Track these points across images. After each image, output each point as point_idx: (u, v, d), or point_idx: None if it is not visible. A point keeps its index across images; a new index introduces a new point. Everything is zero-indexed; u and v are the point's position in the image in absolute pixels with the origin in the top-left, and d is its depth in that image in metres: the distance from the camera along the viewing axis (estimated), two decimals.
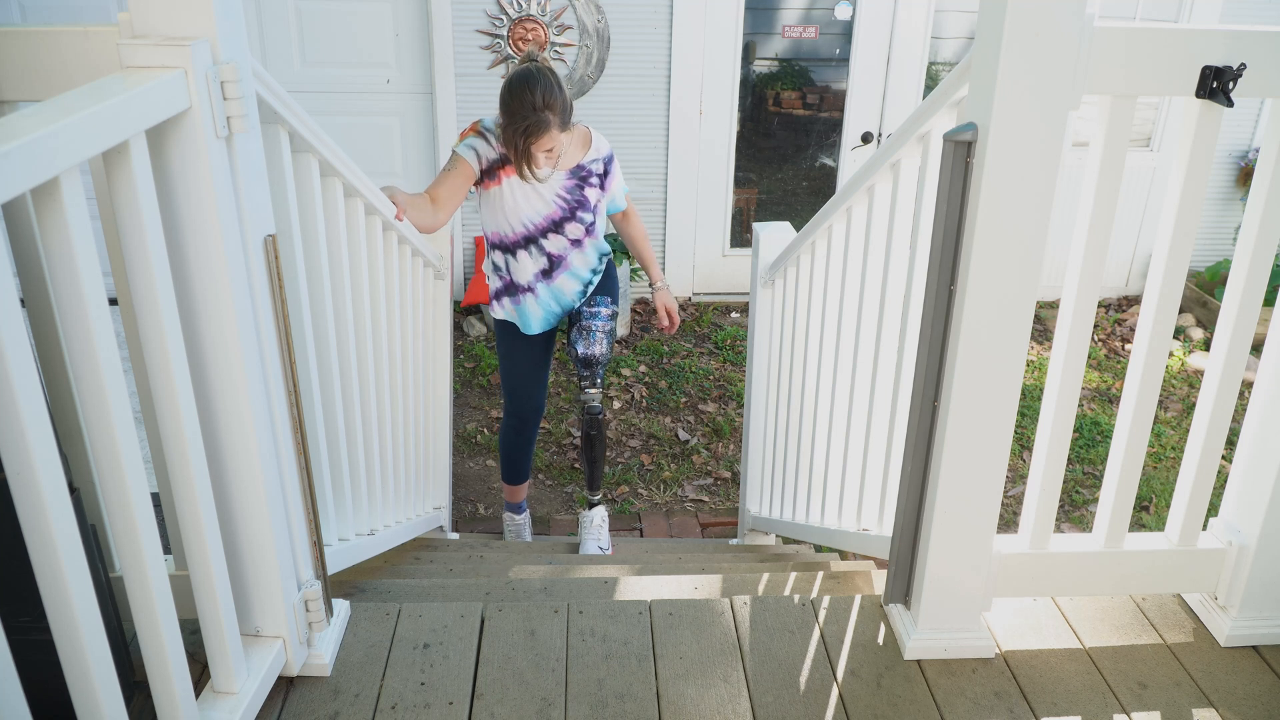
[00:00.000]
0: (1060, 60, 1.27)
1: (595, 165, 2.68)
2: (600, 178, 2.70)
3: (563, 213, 2.65)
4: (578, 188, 2.66)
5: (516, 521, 3.30)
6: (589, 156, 2.67)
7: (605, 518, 3.27)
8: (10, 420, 0.89)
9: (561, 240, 2.70)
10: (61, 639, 1.01)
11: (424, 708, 1.51)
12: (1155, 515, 3.77)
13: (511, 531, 3.31)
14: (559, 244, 2.70)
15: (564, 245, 2.71)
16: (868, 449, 2.12)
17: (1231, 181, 5.49)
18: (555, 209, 2.64)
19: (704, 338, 5.16)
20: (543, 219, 2.64)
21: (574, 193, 2.66)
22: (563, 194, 2.64)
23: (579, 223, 2.69)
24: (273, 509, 1.39)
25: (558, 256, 2.72)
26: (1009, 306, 1.42)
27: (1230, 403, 1.58)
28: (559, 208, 2.64)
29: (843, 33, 5.08)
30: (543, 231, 2.66)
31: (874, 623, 1.72)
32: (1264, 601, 1.67)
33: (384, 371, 2.21)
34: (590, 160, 2.68)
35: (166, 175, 1.18)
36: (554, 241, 2.69)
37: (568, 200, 2.64)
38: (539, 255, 2.71)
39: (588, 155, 2.67)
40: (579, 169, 2.65)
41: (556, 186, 2.62)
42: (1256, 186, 1.45)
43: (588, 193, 2.67)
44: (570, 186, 2.65)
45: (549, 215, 2.65)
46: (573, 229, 2.69)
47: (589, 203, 2.68)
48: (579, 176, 2.65)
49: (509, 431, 3.01)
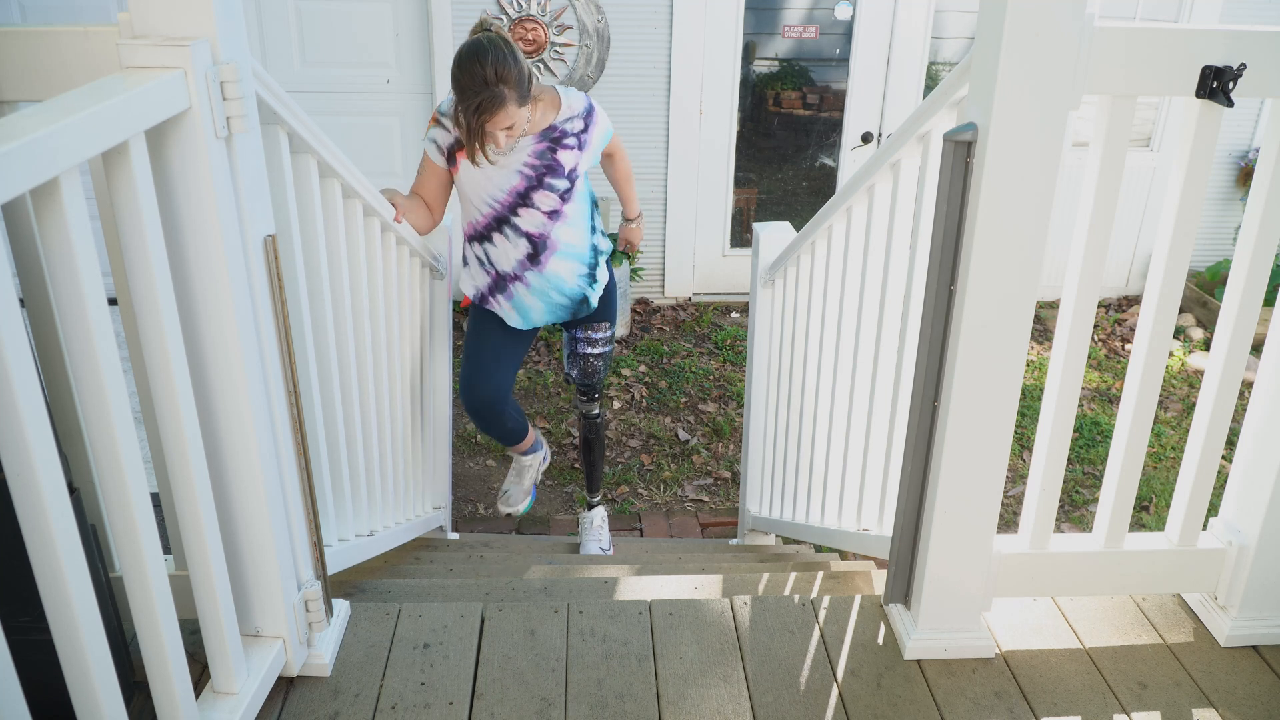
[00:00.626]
0: (1060, 60, 1.27)
1: (571, 124, 2.37)
2: (578, 136, 2.38)
3: (528, 183, 2.35)
4: (548, 151, 2.34)
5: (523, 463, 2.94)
6: (562, 116, 2.36)
7: (605, 518, 3.19)
8: (10, 420, 0.89)
9: (535, 215, 2.39)
10: (61, 639, 1.01)
11: (424, 708, 1.51)
12: (1155, 515, 3.77)
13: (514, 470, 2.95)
14: (534, 220, 2.39)
15: (540, 221, 2.40)
16: (868, 449, 2.12)
17: (1231, 181, 5.49)
18: (520, 179, 2.34)
19: (704, 338, 5.16)
20: (507, 193, 2.35)
21: (543, 156, 2.34)
22: (530, 159, 2.33)
23: (549, 190, 2.37)
24: (273, 509, 1.39)
25: (538, 236, 2.41)
26: (1009, 306, 1.41)
27: (1230, 403, 1.58)
28: (523, 178, 2.34)
29: (843, 33, 5.08)
30: (510, 208, 2.37)
31: (874, 623, 1.72)
32: (1264, 601, 1.67)
33: (384, 371, 2.21)
34: (564, 119, 2.37)
35: (166, 175, 1.18)
36: (527, 218, 2.39)
37: (535, 167, 2.34)
38: (516, 237, 2.41)
39: (560, 115, 2.36)
40: (551, 130, 2.35)
41: (523, 154, 2.33)
42: (1256, 186, 1.45)
43: (560, 156, 2.35)
44: (540, 150, 2.34)
45: (513, 188, 2.35)
46: (543, 199, 2.37)
47: (561, 167, 2.36)
48: (550, 139, 2.34)
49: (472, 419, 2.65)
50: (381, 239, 2.11)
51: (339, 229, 1.81)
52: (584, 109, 2.41)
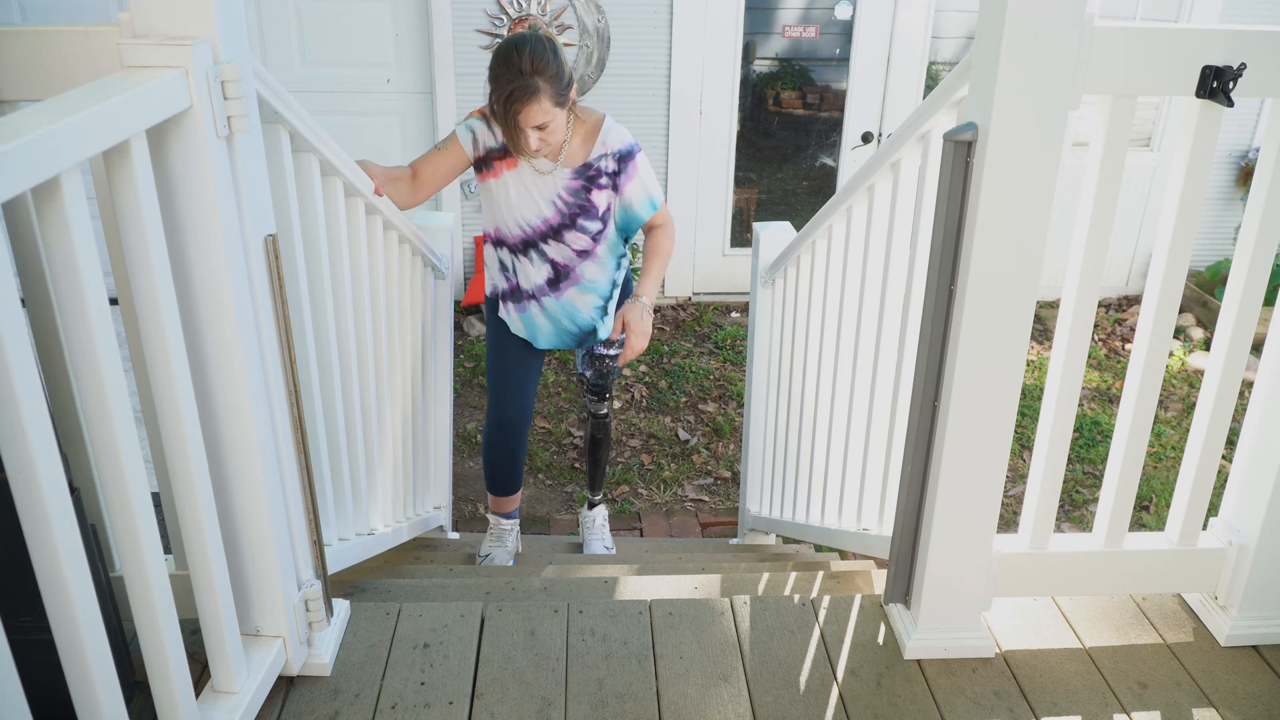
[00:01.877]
0: (1060, 60, 1.27)
1: (604, 163, 2.27)
2: (611, 177, 2.28)
3: (561, 219, 2.30)
4: (583, 190, 2.28)
5: (503, 525, 2.83)
6: (595, 152, 2.26)
7: (606, 517, 3.14)
8: (11, 420, 0.89)
9: (565, 249, 2.35)
10: (61, 639, 1.01)
11: (424, 707, 1.51)
12: (1155, 515, 3.77)
13: (494, 534, 2.83)
14: (562, 252, 2.36)
15: (569, 255, 2.36)
16: (868, 449, 2.12)
17: (1231, 181, 5.49)
18: (554, 213, 2.29)
19: (704, 338, 5.16)
20: (540, 223, 2.31)
21: (578, 195, 2.28)
22: (564, 195, 2.28)
23: (581, 232, 2.32)
24: (273, 509, 1.39)
25: (564, 266, 2.38)
26: (1009, 306, 1.42)
27: (1230, 403, 1.58)
28: (558, 212, 2.29)
29: (843, 32, 5.08)
30: (541, 236, 2.33)
31: (874, 622, 1.72)
32: (1264, 601, 1.67)
33: (384, 371, 2.21)
34: (598, 157, 2.26)
35: (167, 175, 1.18)
36: (556, 250, 2.36)
37: (569, 204, 2.29)
38: (541, 262, 2.38)
39: (594, 150, 2.26)
40: (586, 168, 2.26)
41: (558, 187, 2.27)
42: (1256, 186, 1.46)
43: (594, 196, 2.28)
44: (575, 189, 2.27)
45: (546, 219, 2.31)
46: (575, 239, 2.33)
47: (595, 209, 2.29)
48: (585, 177, 2.27)
49: (493, 440, 2.64)
50: (384, 238, 2.11)
51: (340, 228, 1.81)
52: (620, 149, 2.27)
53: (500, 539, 2.82)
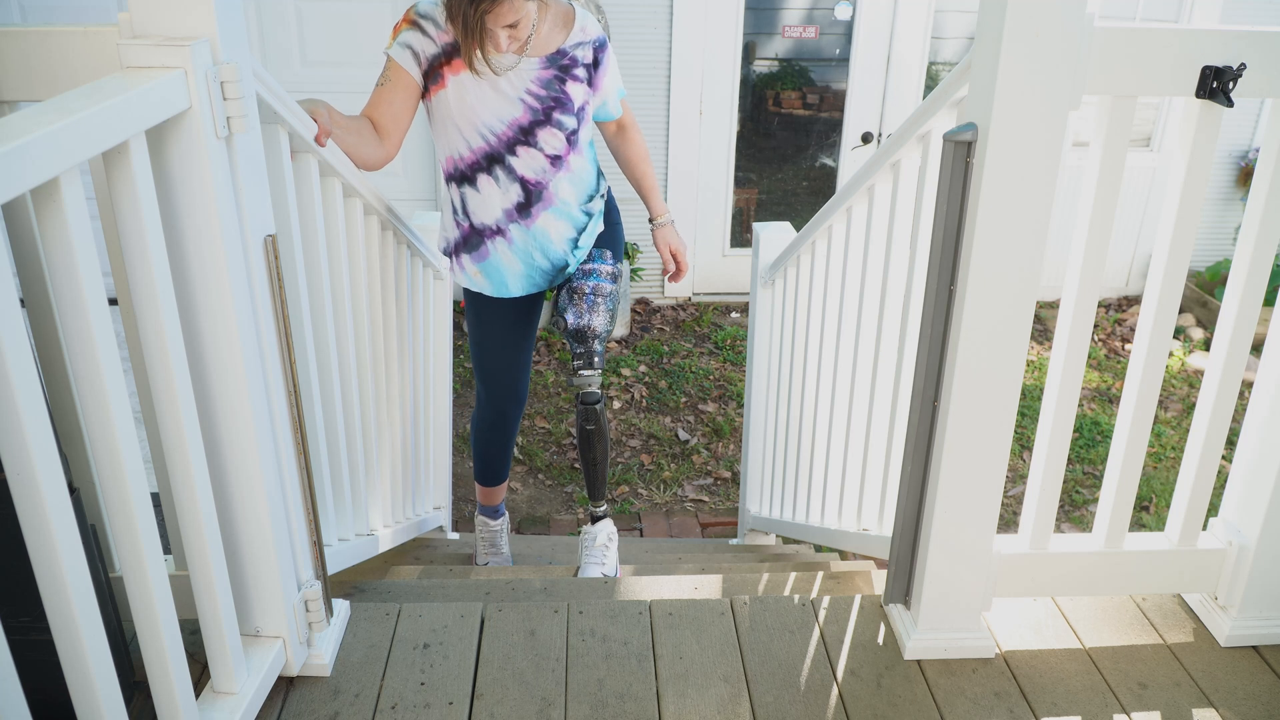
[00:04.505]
0: (1060, 60, 1.27)
1: (582, 52, 1.99)
2: (589, 69, 2.01)
3: (533, 116, 1.96)
4: (556, 80, 1.96)
5: (492, 527, 2.65)
6: (573, 39, 1.98)
7: (614, 535, 2.51)
8: (10, 420, 0.89)
9: (536, 157, 1.99)
10: (61, 639, 1.01)
11: (424, 708, 1.51)
12: (1155, 515, 3.78)
13: (485, 540, 2.66)
14: (534, 163, 2.00)
15: (541, 166, 2.01)
16: (868, 449, 2.12)
17: (1231, 181, 5.49)
18: (523, 111, 1.95)
19: (704, 338, 5.16)
20: (507, 125, 1.95)
21: (550, 87, 1.96)
22: (534, 88, 1.95)
23: (556, 129, 1.98)
24: (273, 509, 1.39)
25: (535, 183, 2.02)
26: (1009, 306, 1.42)
27: (1230, 403, 1.58)
28: (527, 109, 1.95)
29: (843, 33, 5.08)
30: (509, 144, 1.97)
31: (874, 623, 1.72)
32: (1264, 601, 1.67)
33: (384, 371, 2.21)
34: (574, 44, 1.98)
35: (166, 175, 1.18)
36: (526, 159, 1.99)
37: (540, 98, 1.95)
38: (509, 181, 2.01)
39: (570, 37, 1.98)
40: (559, 55, 1.96)
41: (526, 78, 1.94)
42: (1256, 186, 1.46)
43: (570, 88, 1.98)
44: (546, 79, 1.96)
45: (515, 120, 1.95)
46: (549, 139, 1.99)
47: (570, 102, 1.98)
48: (558, 65, 1.96)
49: (483, 426, 2.40)
50: (382, 239, 2.12)
51: (339, 229, 1.81)
52: (597, 38, 2.02)
53: (494, 544, 2.66)
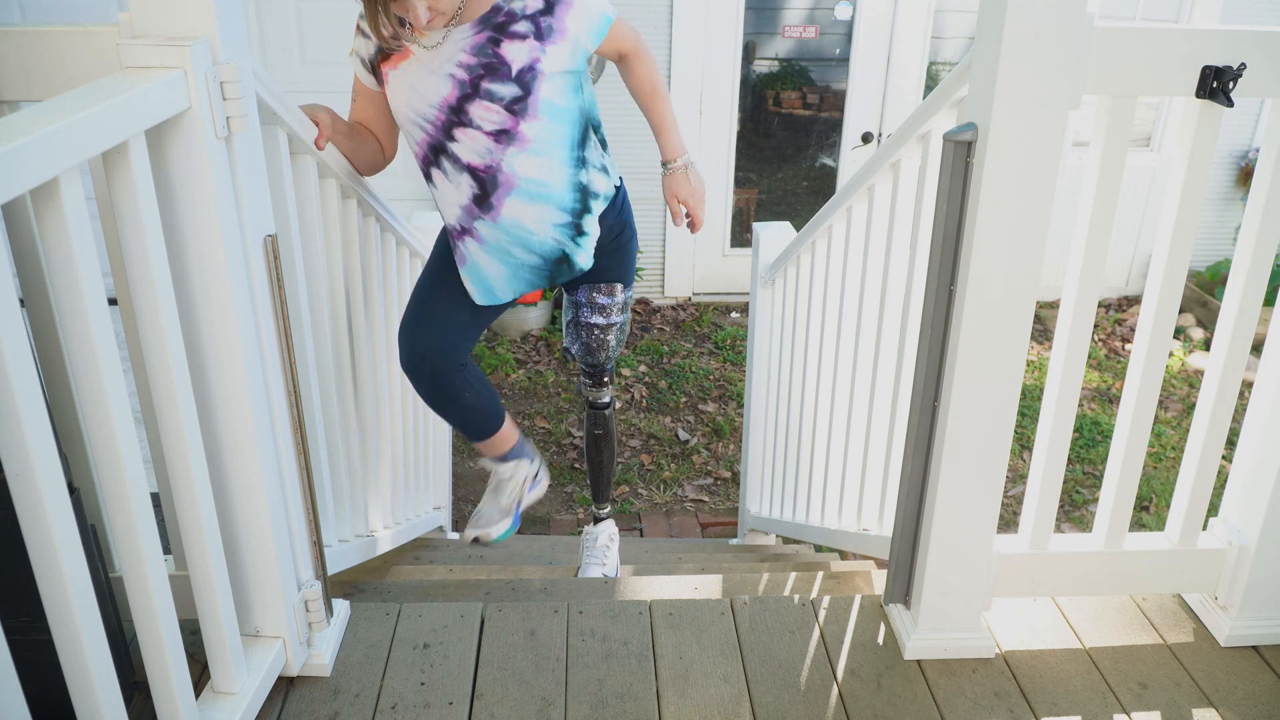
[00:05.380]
0: (1060, 60, 1.27)
1: (521, 2, 1.67)
2: (534, 19, 1.67)
3: (460, 89, 1.67)
4: (488, 44, 1.66)
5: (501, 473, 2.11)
6: None
7: (615, 536, 2.49)
8: (10, 420, 0.89)
9: (476, 138, 1.70)
10: (61, 639, 1.01)
11: (424, 708, 1.51)
12: (1155, 515, 3.78)
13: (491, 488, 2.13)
14: (475, 144, 1.71)
15: (485, 146, 1.71)
16: (868, 449, 2.12)
17: (1231, 181, 5.49)
18: (451, 88, 1.68)
19: (704, 338, 5.16)
20: (437, 108, 1.70)
21: (481, 52, 1.67)
22: (464, 58, 1.67)
23: (490, 100, 1.67)
24: (273, 509, 1.39)
25: (484, 168, 1.72)
26: (1009, 306, 1.41)
27: (1230, 403, 1.58)
28: (455, 84, 1.67)
29: (843, 33, 5.08)
30: (444, 128, 1.71)
31: (874, 623, 1.72)
32: (1264, 601, 1.67)
33: (383, 371, 2.22)
34: None
35: (166, 175, 1.18)
36: (466, 143, 1.71)
37: (470, 67, 1.67)
38: (456, 172, 1.75)
39: None
40: (493, 13, 1.66)
41: (457, 49, 1.67)
42: (1256, 186, 1.45)
43: (506, 49, 1.66)
44: (478, 45, 1.67)
45: (444, 100, 1.69)
46: (482, 113, 1.68)
47: (505, 65, 1.67)
48: (492, 26, 1.66)
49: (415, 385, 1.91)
50: (381, 239, 2.12)
51: (338, 229, 1.81)
52: None
53: (497, 490, 2.12)
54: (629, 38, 1.84)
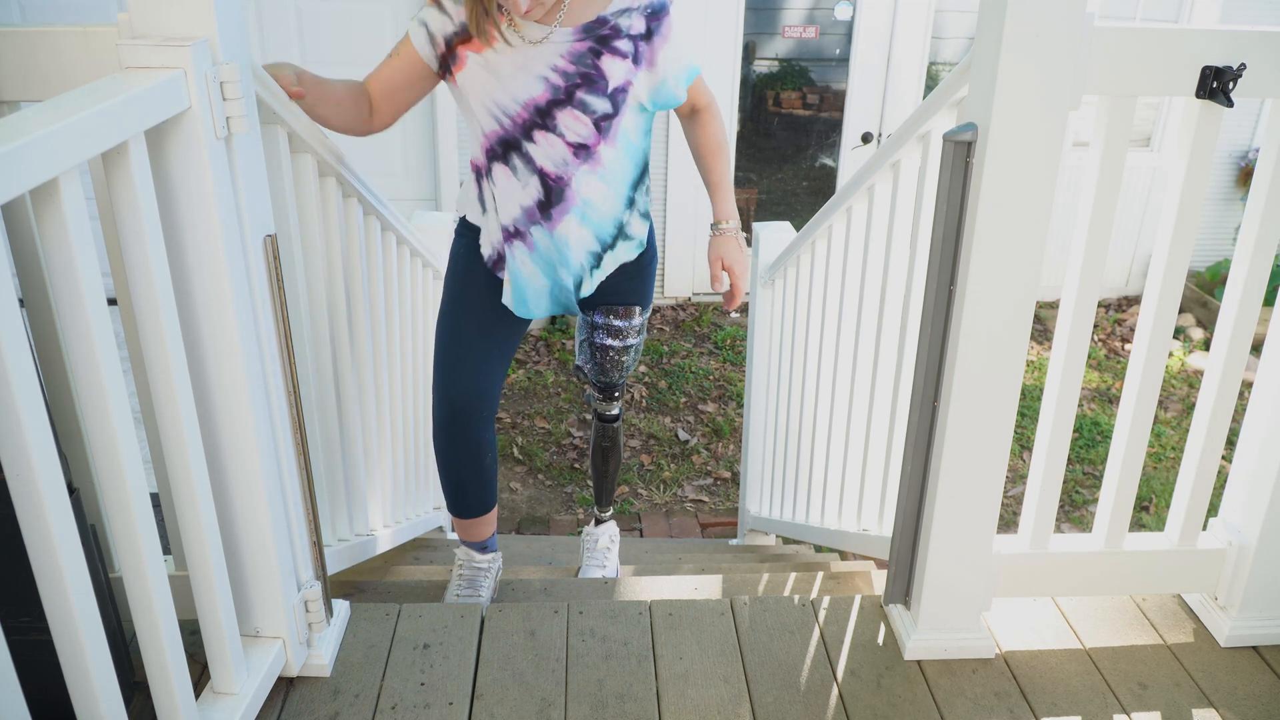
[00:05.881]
0: (1060, 60, 1.27)
1: (628, 20, 1.65)
2: (635, 41, 1.66)
3: (553, 94, 1.65)
4: (589, 54, 1.64)
5: (476, 563, 2.01)
6: (616, 4, 1.65)
7: (616, 538, 2.45)
8: (10, 420, 0.89)
9: (556, 145, 1.67)
10: (61, 639, 1.01)
11: (424, 708, 1.51)
12: (1155, 515, 3.78)
13: (463, 579, 2.01)
14: (553, 151, 1.68)
15: (562, 156, 1.68)
16: (868, 449, 2.12)
17: (1231, 181, 5.49)
18: (544, 89, 1.65)
19: (704, 338, 5.16)
20: (522, 104, 1.65)
21: (581, 61, 1.64)
22: (562, 63, 1.64)
23: (582, 112, 1.65)
24: (273, 509, 1.39)
25: (555, 178, 1.69)
26: (1009, 306, 1.41)
27: (1230, 403, 1.58)
28: (549, 86, 1.64)
29: (843, 33, 5.08)
30: (524, 128, 1.67)
31: (874, 623, 1.72)
32: (1264, 601, 1.67)
33: (383, 371, 2.22)
34: (618, 10, 1.65)
35: (166, 176, 1.18)
36: (544, 147, 1.67)
37: (568, 75, 1.64)
38: (527, 173, 1.70)
39: (612, 3, 1.65)
40: (598, 24, 1.64)
41: (555, 52, 1.64)
42: (1256, 186, 1.45)
43: (606, 64, 1.65)
44: (579, 53, 1.64)
45: (532, 99, 1.65)
46: (570, 123, 1.66)
47: (602, 80, 1.65)
48: (595, 37, 1.64)
49: (439, 435, 1.86)
50: (382, 239, 2.12)
51: (338, 228, 1.81)
52: (650, 3, 1.67)
53: (472, 582, 2.00)
54: (707, 92, 1.84)
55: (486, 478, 1.93)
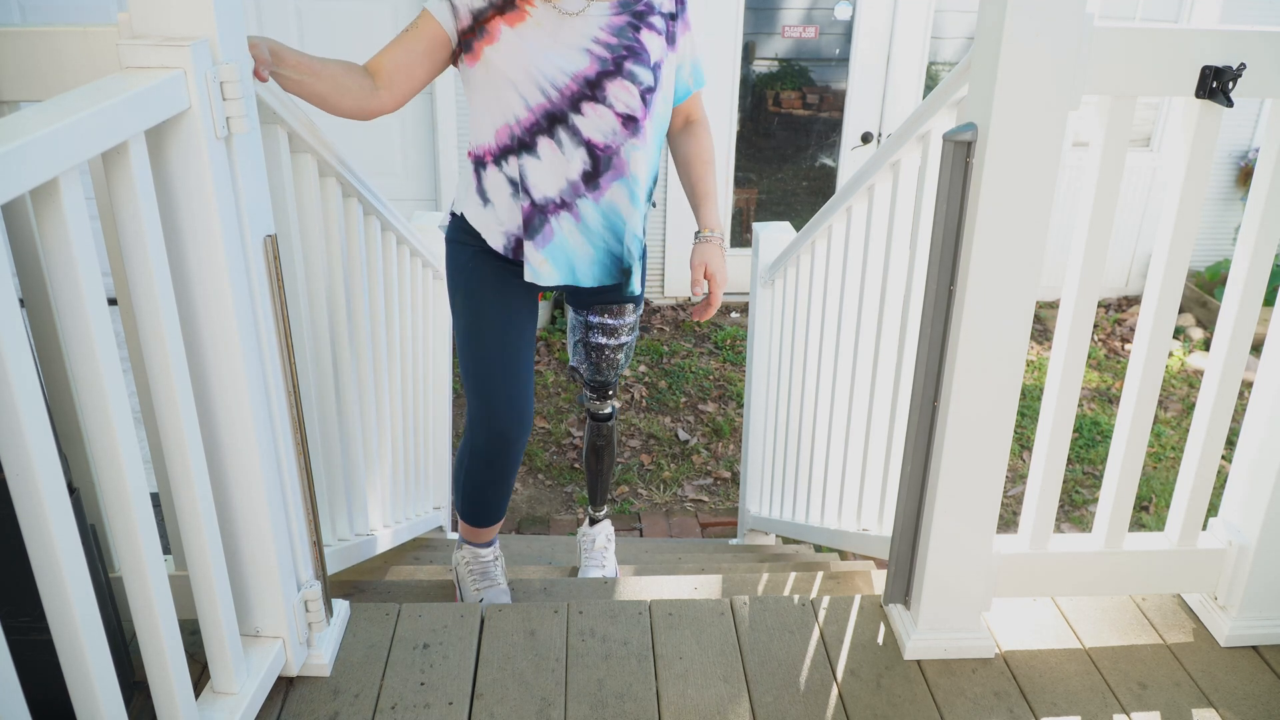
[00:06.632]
0: (1060, 60, 1.27)
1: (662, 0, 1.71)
2: (668, 20, 1.71)
3: (601, 66, 1.64)
4: (629, 28, 1.66)
5: (482, 557, 2.04)
6: None
7: (612, 537, 2.50)
8: (10, 420, 0.89)
9: (606, 116, 1.66)
10: (61, 639, 1.01)
11: (424, 708, 1.51)
12: (1155, 515, 3.78)
13: (477, 574, 2.03)
14: (603, 123, 1.67)
15: (611, 127, 1.67)
16: (868, 449, 2.12)
17: (1231, 181, 5.49)
18: (590, 61, 1.64)
19: (704, 338, 5.16)
20: (570, 79, 1.64)
21: (622, 35, 1.66)
22: (603, 35, 1.65)
23: (629, 81, 1.65)
24: (272, 509, 1.39)
25: (604, 148, 1.68)
26: (1009, 306, 1.42)
27: (1230, 403, 1.58)
28: (594, 59, 1.64)
29: (843, 33, 5.08)
30: (573, 100, 1.65)
31: (874, 623, 1.72)
32: (1264, 601, 1.67)
33: (383, 371, 2.22)
34: None
35: (166, 176, 1.18)
36: (593, 119, 1.66)
37: (611, 46, 1.65)
38: (573, 145, 1.67)
39: None
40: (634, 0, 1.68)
41: (594, 25, 1.65)
42: (1256, 186, 1.46)
43: (645, 37, 1.67)
44: (618, 26, 1.66)
45: (580, 72, 1.64)
46: (620, 93, 1.66)
47: (645, 52, 1.67)
48: (632, 11, 1.67)
49: (477, 458, 1.86)
50: (382, 239, 2.12)
51: (338, 228, 1.81)
52: None
53: (486, 574, 2.04)
54: (703, 107, 1.92)
55: (509, 489, 1.96)
